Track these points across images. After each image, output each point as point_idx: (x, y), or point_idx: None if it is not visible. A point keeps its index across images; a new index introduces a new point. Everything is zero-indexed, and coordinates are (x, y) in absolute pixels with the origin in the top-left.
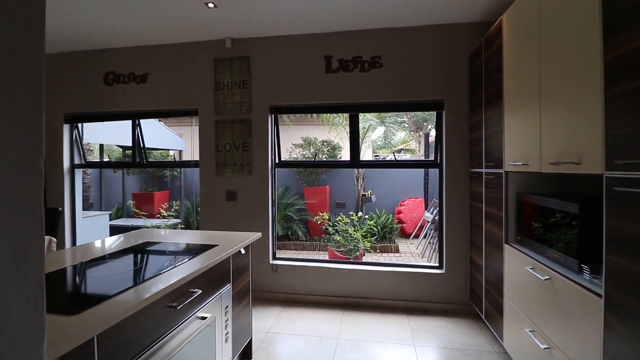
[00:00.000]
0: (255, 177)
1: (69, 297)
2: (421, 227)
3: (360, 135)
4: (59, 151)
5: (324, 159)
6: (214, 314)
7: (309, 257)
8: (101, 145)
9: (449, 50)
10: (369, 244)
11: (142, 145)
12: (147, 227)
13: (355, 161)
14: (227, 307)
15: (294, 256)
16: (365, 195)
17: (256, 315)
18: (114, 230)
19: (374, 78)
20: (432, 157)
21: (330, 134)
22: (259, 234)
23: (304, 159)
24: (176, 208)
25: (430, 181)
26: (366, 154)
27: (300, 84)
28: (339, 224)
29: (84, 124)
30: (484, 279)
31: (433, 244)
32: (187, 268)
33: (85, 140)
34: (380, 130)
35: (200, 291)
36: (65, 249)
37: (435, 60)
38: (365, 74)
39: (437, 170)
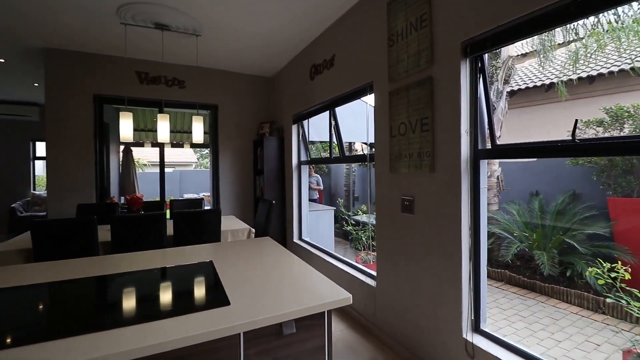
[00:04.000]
0: (439, 176)
1: None
2: None
3: None
4: (289, 149)
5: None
6: None
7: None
8: (350, 144)
9: None
10: None
11: (338, 138)
12: (346, 228)
13: None
14: None
15: (558, 324)
16: None
17: None
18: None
19: None
20: None
21: None
22: (346, 298)
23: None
24: None
25: None
26: None
27: None
28: None
29: (309, 122)
30: None
31: None
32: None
33: (310, 138)
34: None
35: None
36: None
37: None
38: None
39: None
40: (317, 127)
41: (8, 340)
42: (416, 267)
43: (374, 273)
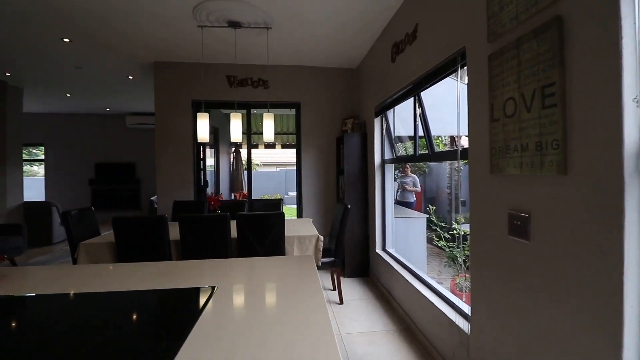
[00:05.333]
0: (576, 180)
1: None
2: None
3: None
4: (372, 146)
5: None
6: None
7: None
8: (452, 137)
9: None
10: None
11: (426, 130)
12: (437, 243)
13: None
14: None
15: None
16: None
17: None
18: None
19: None
20: None
21: None
22: None
23: None
24: None
25: None
26: None
27: None
28: None
29: (395, 113)
30: None
31: None
32: None
33: (397, 132)
34: None
35: None
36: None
37: None
38: None
39: None
40: (404, 121)
41: None
42: (533, 322)
43: (468, 310)
